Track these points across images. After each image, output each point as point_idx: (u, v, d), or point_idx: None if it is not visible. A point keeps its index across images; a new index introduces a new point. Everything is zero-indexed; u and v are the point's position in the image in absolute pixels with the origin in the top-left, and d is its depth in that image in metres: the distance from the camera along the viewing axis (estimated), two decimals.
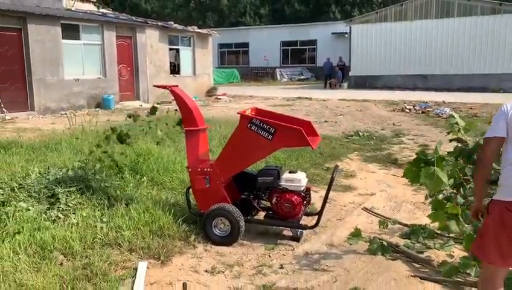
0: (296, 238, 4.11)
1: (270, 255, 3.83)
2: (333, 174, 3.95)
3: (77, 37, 13.95)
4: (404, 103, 16.25)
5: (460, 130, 6.31)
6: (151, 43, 16.73)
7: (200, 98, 18.69)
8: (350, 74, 25.97)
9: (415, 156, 3.97)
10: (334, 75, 27.26)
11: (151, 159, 5.68)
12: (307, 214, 4.32)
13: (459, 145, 6.44)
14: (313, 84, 30.28)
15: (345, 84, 25.89)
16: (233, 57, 40.37)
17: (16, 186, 4.68)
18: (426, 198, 4.33)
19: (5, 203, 4.25)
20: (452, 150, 5.96)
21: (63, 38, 13.27)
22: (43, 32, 12.61)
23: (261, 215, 4.33)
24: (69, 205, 4.45)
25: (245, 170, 4.35)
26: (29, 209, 4.16)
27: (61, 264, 3.42)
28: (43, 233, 3.73)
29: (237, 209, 3.98)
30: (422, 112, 14.10)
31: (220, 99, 18.68)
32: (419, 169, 3.71)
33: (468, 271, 3.25)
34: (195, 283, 3.30)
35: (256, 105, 16.59)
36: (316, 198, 5.23)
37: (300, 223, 4.10)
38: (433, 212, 3.78)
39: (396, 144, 9.04)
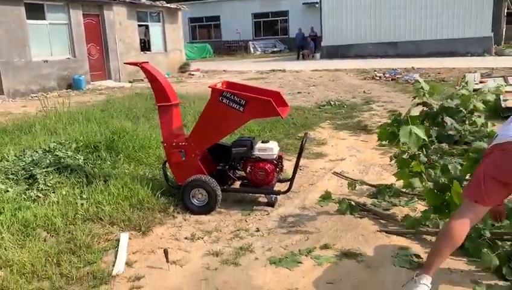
0: (271, 204, 4.33)
1: (247, 220, 4.04)
2: (302, 142, 4.14)
3: (42, 17, 13.58)
4: (375, 70, 16.53)
5: (426, 95, 6.60)
6: (120, 20, 16.42)
7: (173, 74, 18.58)
8: (322, 44, 26.07)
9: (384, 121, 4.20)
10: (306, 46, 27.33)
11: (126, 137, 5.76)
12: (281, 181, 4.52)
13: (425, 108, 6.76)
14: (286, 56, 30.31)
15: (318, 55, 26.02)
16: (205, 32, 39.84)
17: None
18: (391, 159, 4.60)
19: None
20: (418, 114, 6.26)
21: (27, 18, 12.90)
22: (6, 12, 12.25)
23: (237, 184, 4.51)
24: (47, 185, 4.54)
25: (219, 142, 4.51)
26: (8, 191, 4.24)
27: (45, 240, 3.55)
28: (24, 212, 3.83)
29: (213, 179, 4.15)
30: (392, 79, 14.41)
31: (193, 75, 18.60)
32: (396, 129, 3.93)
33: (427, 223, 3.53)
34: (176, 249, 3.48)
35: (231, 79, 16.67)
36: (289, 166, 5.43)
37: (274, 189, 4.31)
38: (398, 170, 4.04)
39: (366, 111, 9.31)
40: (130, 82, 16.22)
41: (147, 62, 4.43)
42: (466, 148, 5.24)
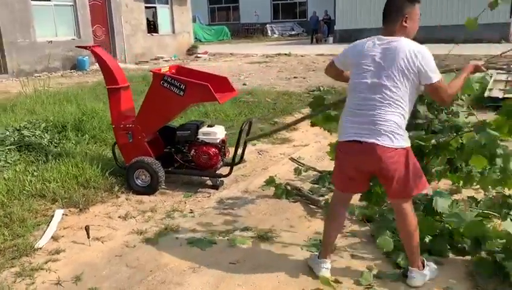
0: (215, 187, 4.44)
1: (186, 202, 4.17)
2: (241, 128, 4.22)
3: None
4: None
5: None
6: (126, 2, 16.59)
7: (179, 56, 18.73)
8: (335, 27, 25.72)
9: None
10: (319, 29, 27.04)
11: (95, 118, 5.94)
12: (228, 165, 4.62)
13: None
14: (303, 39, 30.02)
15: (330, 39, 25.71)
16: (223, 14, 39.70)
17: None
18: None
19: None
20: None
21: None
22: None
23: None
24: (8, 162, 4.76)
25: (169, 125, 4.63)
26: None
27: None
28: None
29: (156, 161, 4.28)
30: None
31: (199, 57, 18.69)
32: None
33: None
34: (105, 227, 3.65)
35: (235, 62, 16.69)
36: (252, 150, 5.56)
37: (217, 172, 4.42)
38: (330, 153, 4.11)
39: None
40: (135, 63, 16.46)
41: (98, 46, 4.56)
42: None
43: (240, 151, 4.36)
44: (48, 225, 3.60)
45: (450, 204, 3.32)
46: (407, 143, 2.56)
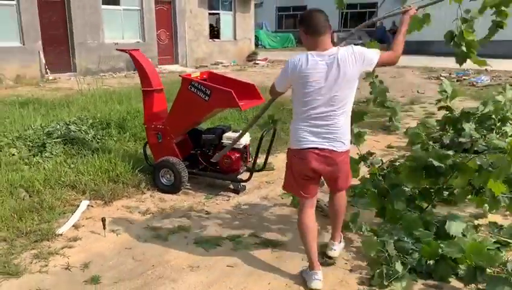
0: (236, 191, 4.53)
1: (205, 203, 4.30)
2: (263, 135, 4.28)
3: (117, 3, 14.76)
4: (443, 70, 15.61)
5: (447, 98, 6.31)
6: (191, 8, 17.22)
7: (238, 62, 19.10)
8: None
9: (413, 124, 4.01)
10: (385, 40, 26.39)
11: (138, 117, 6.26)
12: (253, 170, 4.67)
13: (447, 113, 6.45)
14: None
15: None
16: (290, 21, 39.85)
17: (16, 136, 5.48)
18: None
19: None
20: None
21: (102, 3, 14.11)
22: None
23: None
24: (52, 153, 5.17)
25: (198, 128, 4.80)
26: (14, 155, 4.92)
27: (23, 199, 4.11)
28: (16, 174, 4.45)
29: (180, 162, 4.45)
30: (458, 80, 13.55)
31: (257, 64, 18.95)
32: None
33: (352, 227, 3.54)
34: (124, 220, 3.86)
35: None
36: (282, 158, 5.59)
37: (238, 177, 4.51)
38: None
39: (403, 112, 8.96)
40: (196, 67, 17.03)
41: (138, 50, 4.83)
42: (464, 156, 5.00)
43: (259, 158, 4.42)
44: (73, 214, 3.87)
45: (465, 228, 3.18)
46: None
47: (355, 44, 2.99)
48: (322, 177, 2.97)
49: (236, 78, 4.82)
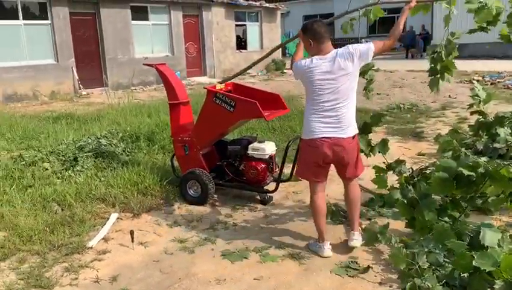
0: (264, 202, 4.51)
1: (232, 214, 4.29)
2: (288, 144, 4.25)
3: (146, 18, 15.13)
4: (476, 73, 15.17)
5: (480, 102, 6.13)
6: (217, 21, 17.45)
7: (265, 72, 19.15)
8: (432, 42, 24.45)
9: (443, 129, 3.91)
10: (416, 45, 25.97)
11: (166, 130, 6.35)
12: (281, 181, 4.62)
13: (480, 118, 6.25)
14: (398, 54, 28.99)
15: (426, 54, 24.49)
16: None
17: (50, 151, 5.65)
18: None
19: (33, 163, 5.22)
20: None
21: (132, 19, 14.50)
22: (114, 15, 13.92)
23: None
24: (84, 167, 5.29)
25: (224, 139, 4.82)
26: (47, 169, 5.06)
27: (56, 212, 4.22)
28: (48, 188, 4.58)
29: (207, 173, 4.47)
30: (492, 84, 13.13)
31: (284, 73, 18.96)
32: None
33: (381, 239, 3.44)
34: (152, 232, 3.90)
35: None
36: None
37: (265, 188, 4.48)
38: (376, 176, 4.02)
39: (434, 117, 8.76)
40: (221, 80, 17.19)
41: (164, 64, 4.90)
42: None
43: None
44: (102, 227, 3.94)
45: (500, 238, 3.04)
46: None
47: None
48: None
49: (260, 89, 4.82)
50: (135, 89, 14.26)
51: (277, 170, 4.57)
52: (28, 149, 5.74)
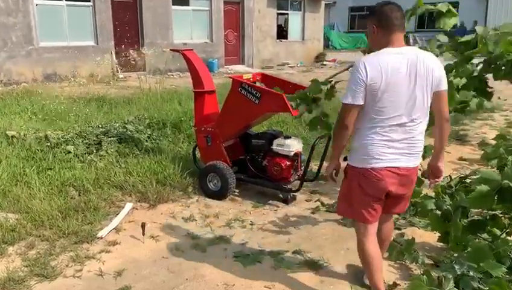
0: (286, 201, 4.26)
1: (251, 212, 4.07)
2: (315, 143, 3.97)
3: (187, 3, 15.00)
4: None
5: None
6: (259, 8, 17.13)
7: (306, 63, 18.73)
8: None
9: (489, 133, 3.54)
10: None
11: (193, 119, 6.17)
12: (306, 180, 4.35)
13: None
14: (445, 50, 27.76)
15: None
16: (363, 22, 38.56)
17: (76, 133, 5.60)
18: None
19: (57, 145, 5.17)
20: None
21: (173, 4, 14.41)
22: None
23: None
24: (107, 152, 5.20)
25: (250, 132, 4.58)
26: (70, 152, 5.00)
27: (72, 197, 4.13)
28: (68, 172, 4.50)
29: (228, 167, 4.26)
30: None
31: (325, 65, 18.47)
32: None
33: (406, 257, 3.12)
34: (165, 226, 3.73)
35: None
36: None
37: (288, 187, 4.22)
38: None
39: (481, 120, 8.17)
40: (262, 68, 16.91)
41: (191, 50, 4.70)
42: None
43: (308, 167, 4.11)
44: (116, 216, 3.81)
45: None
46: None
47: None
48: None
49: (291, 81, 4.54)
50: (172, 75, 14.21)
51: (302, 168, 4.30)
52: (54, 130, 5.71)
